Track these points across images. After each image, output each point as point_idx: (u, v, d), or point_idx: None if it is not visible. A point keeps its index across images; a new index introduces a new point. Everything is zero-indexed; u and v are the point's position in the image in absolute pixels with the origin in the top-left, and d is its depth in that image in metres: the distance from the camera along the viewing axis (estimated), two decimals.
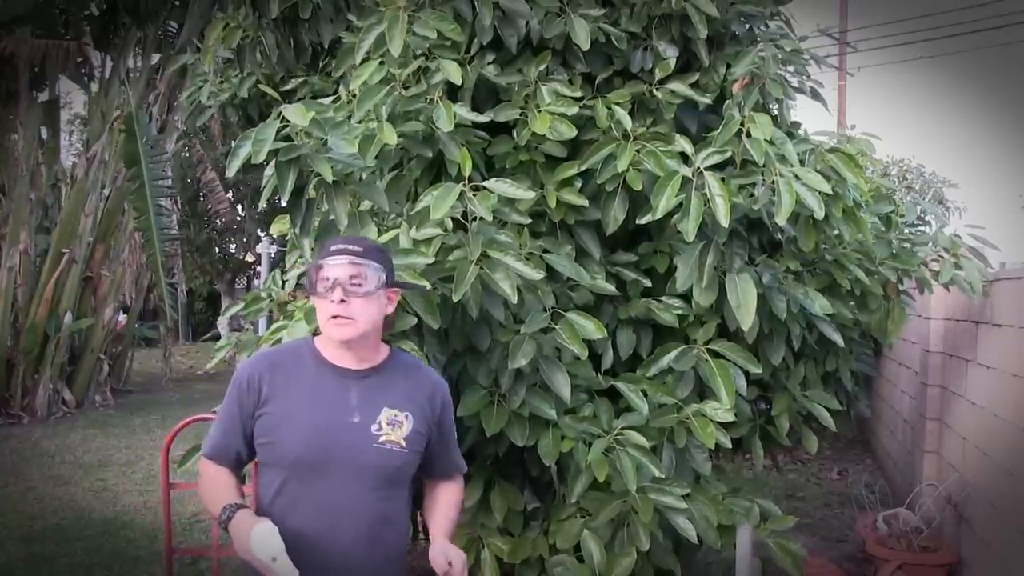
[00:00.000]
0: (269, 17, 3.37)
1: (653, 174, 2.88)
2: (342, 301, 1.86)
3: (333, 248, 1.93)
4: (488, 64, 3.14)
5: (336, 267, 1.89)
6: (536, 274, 2.59)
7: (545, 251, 2.89)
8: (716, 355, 2.94)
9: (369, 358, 1.97)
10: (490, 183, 2.66)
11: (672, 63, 3.15)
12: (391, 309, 1.99)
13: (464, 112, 2.90)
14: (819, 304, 3.07)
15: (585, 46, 3.03)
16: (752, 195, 2.89)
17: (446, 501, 2.11)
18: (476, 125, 2.97)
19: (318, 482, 1.85)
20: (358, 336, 1.90)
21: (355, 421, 1.89)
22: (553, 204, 2.99)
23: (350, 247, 1.92)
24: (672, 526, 2.71)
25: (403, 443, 1.92)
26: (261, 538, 1.73)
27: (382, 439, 1.90)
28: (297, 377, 1.93)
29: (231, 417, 1.93)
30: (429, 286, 2.48)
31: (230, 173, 2.43)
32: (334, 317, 1.88)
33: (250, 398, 1.91)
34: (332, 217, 2.56)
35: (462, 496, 2.16)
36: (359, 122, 2.78)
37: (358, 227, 2.53)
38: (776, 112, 3.27)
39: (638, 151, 2.94)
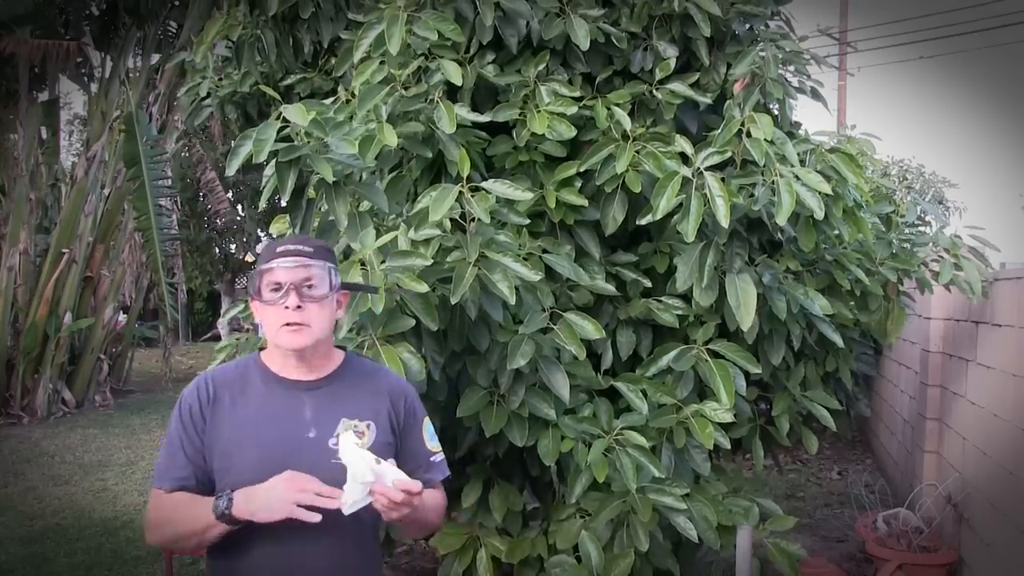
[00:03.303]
0: (268, 14, 3.37)
1: (653, 174, 2.87)
2: (297, 307, 1.72)
3: (281, 249, 1.77)
4: (488, 64, 3.14)
5: (287, 270, 1.74)
6: (534, 275, 2.59)
7: (544, 251, 2.89)
8: (716, 355, 2.93)
9: (321, 367, 1.81)
10: (488, 184, 2.66)
11: (672, 63, 3.14)
12: (341, 313, 1.87)
13: (464, 112, 2.90)
14: (819, 304, 3.07)
15: (584, 46, 3.03)
16: (752, 195, 2.89)
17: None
18: (476, 125, 2.97)
19: None
20: (313, 343, 1.75)
21: (311, 436, 1.73)
22: (553, 204, 2.98)
23: (301, 247, 1.77)
24: (671, 527, 2.71)
25: None
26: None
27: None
28: (244, 396, 1.77)
29: (180, 448, 1.75)
30: (382, 288, 2.38)
31: (230, 172, 2.43)
32: (287, 324, 1.73)
33: (195, 426, 1.74)
34: (332, 217, 2.55)
35: (443, 502, 1.94)
36: (360, 122, 2.78)
37: (358, 227, 2.53)
38: (776, 112, 3.27)
39: (638, 151, 2.94)
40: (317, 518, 1.58)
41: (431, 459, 1.90)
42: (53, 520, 5.50)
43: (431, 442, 1.91)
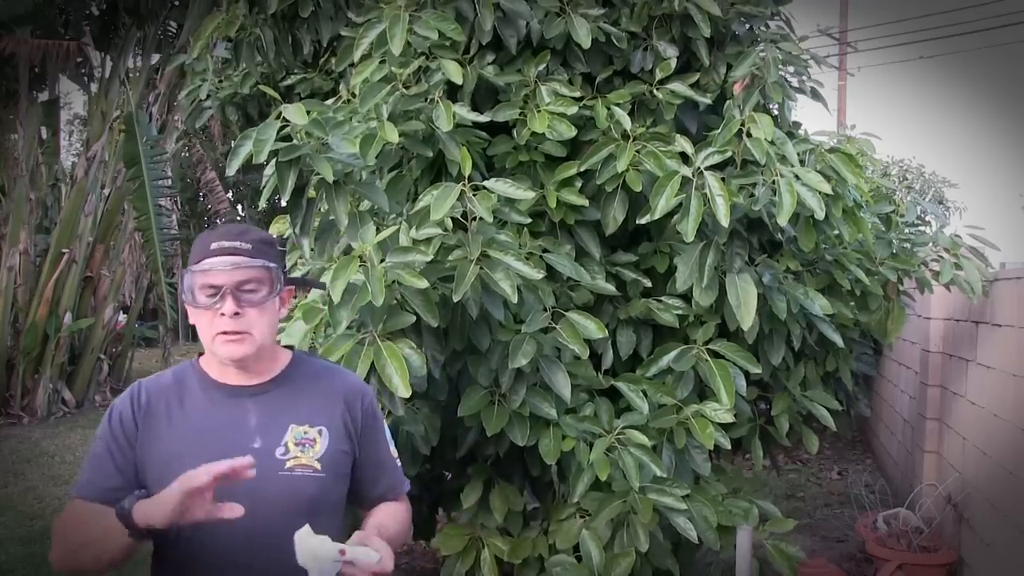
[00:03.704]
0: (267, 13, 3.37)
1: (653, 174, 2.88)
2: (235, 314, 1.53)
3: (215, 247, 1.56)
4: (488, 64, 3.14)
5: (222, 272, 1.54)
6: (536, 274, 2.59)
7: (545, 251, 2.89)
8: (716, 355, 2.93)
9: (266, 370, 1.63)
10: (490, 183, 2.66)
11: (672, 63, 3.15)
12: (286, 311, 1.67)
13: (464, 112, 2.90)
14: (819, 304, 3.07)
15: (586, 44, 3.03)
16: (752, 195, 2.89)
17: (382, 516, 1.69)
18: (476, 125, 2.97)
19: (221, 527, 1.39)
20: (255, 352, 1.57)
21: (256, 447, 1.54)
22: (553, 204, 2.98)
23: (237, 244, 1.56)
24: (671, 527, 2.71)
25: (317, 465, 1.57)
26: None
27: (290, 463, 1.55)
28: (182, 405, 1.59)
29: (109, 457, 1.56)
30: (326, 286, 2.31)
31: (230, 172, 2.43)
32: (223, 333, 1.54)
33: (125, 435, 1.56)
34: (332, 217, 2.55)
35: (407, 515, 1.76)
36: (360, 121, 2.78)
37: (358, 227, 2.53)
38: (776, 112, 3.27)
39: (638, 151, 2.94)
40: (237, 512, 1.36)
41: (395, 467, 1.75)
42: (53, 520, 5.50)
43: (393, 448, 1.75)
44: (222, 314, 1.53)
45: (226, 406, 1.59)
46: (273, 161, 2.45)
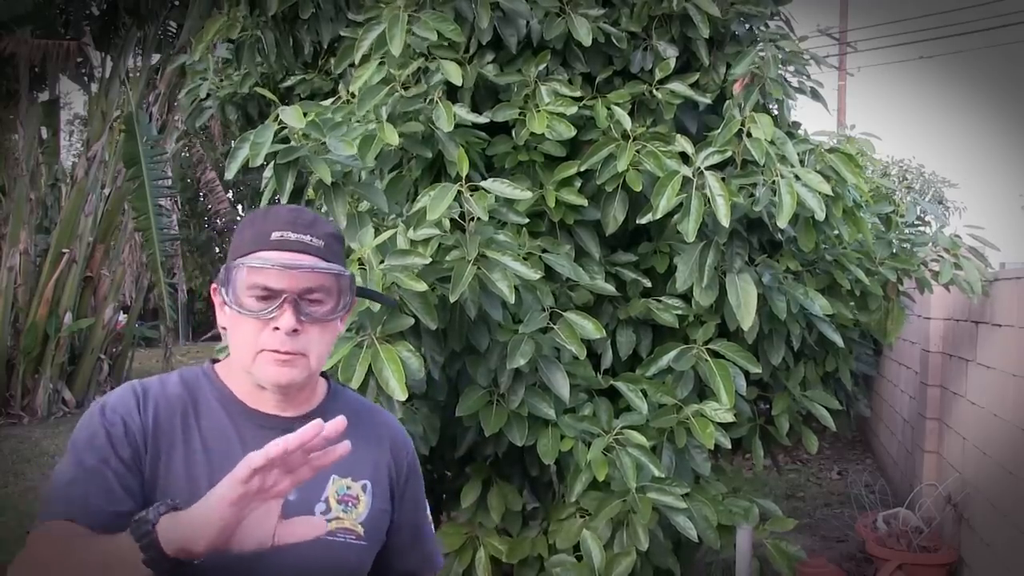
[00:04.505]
0: (268, 14, 3.37)
1: (653, 174, 2.88)
2: (294, 330, 1.18)
3: (278, 237, 1.20)
4: (488, 64, 3.14)
5: (286, 274, 1.18)
6: (533, 274, 2.59)
7: (544, 251, 2.89)
8: (716, 355, 2.93)
9: (306, 400, 1.28)
10: (487, 183, 2.66)
11: (672, 63, 3.14)
12: (342, 328, 1.31)
13: (463, 112, 2.90)
14: (819, 304, 3.07)
15: (587, 43, 3.03)
16: (752, 195, 2.89)
17: None
18: (476, 125, 2.97)
19: None
20: (306, 379, 1.23)
21: (292, 499, 1.10)
22: (552, 204, 2.98)
23: (307, 240, 1.21)
24: (671, 526, 2.71)
25: (360, 530, 1.25)
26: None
27: (332, 525, 1.21)
28: (199, 428, 1.21)
29: (111, 477, 1.13)
30: (397, 303, 2.22)
31: (229, 175, 2.44)
32: (275, 352, 1.19)
33: (133, 455, 1.16)
34: (331, 218, 2.55)
35: None
36: (359, 122, 2.78)
37: (357, 227, 2.53)
38: (776, 112, 3.27)
39: (638, 151, 2.94)
40: (317, 528, 1.00)
41: (432, 535, 1.44)
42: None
43: (429, 513, 1.44)
44: (276, 328, 1.18)
45: (257, 440, 1.16)
46: (272, 163, 2.45)
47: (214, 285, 1.25)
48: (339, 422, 0.97)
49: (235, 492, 0.94)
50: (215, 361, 1.31)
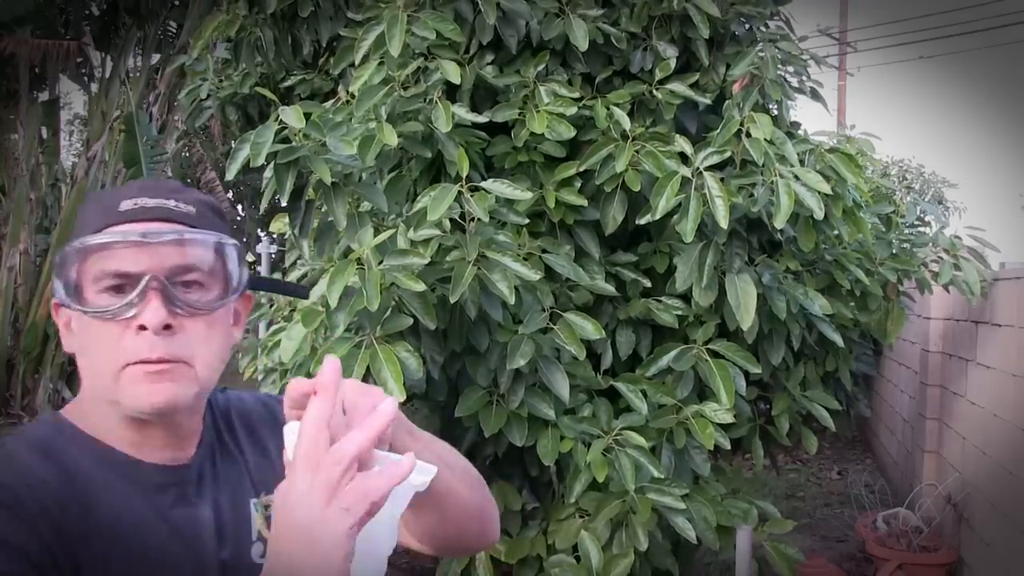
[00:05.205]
0: (267, 12, 3.37)
1: (652, 174, 2.87)
2: (165, 327, 0.86)
3: (130, 206, 0.89)
4: (487, 64, 3.14)
5: (142, 249, 0.86)
6: (533, 274, 2.59)
7: (544, 251, 2.89)
8: (716, 355, 2.93)
9: (198, 426, 0.97)
10: (487, 184, 2.66)
11: (672, 63, 3.14)
12: (239, 330, 0.98)
13: (463, 112, 2.90)
14: (819, 304, 3.07)
15: (583, 47, 3.03)
16: (752, 195, 2.89)
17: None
18: (475, 125, 2.97)
19: None
20: (194, 398, 0.90)
21: (224, 557, 0.92)
22: (552, 204, 2.98)
23: (170, 205, 0.90)
24: (671, 527, 2.71)
25: None
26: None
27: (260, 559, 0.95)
28: (101, 500, 0.87)
29: (11, 546, 0.78)
30: (305, 292, 2.12)
31: (229, 176, 2.44)
32: (144, 363, 0.86)
33: (50, 519, 0.82)
34: (331, 218, 2.55)
35: None
36: (359, 122, 2.78)
37: (357, 228, 2.53)
38: (776, 112, 3.27)
39: (637, 151, 2.93)
40: (405, 467, 0.73)
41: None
42: None
43: None
44: (140, 327, 0.85)
45: (161, 503, 0.90)
46: (272, 163, 2.45)
47: (54, 302, 0.92)
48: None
49: (345, 546, 0.70)
50: (57, 408, 1.00)
